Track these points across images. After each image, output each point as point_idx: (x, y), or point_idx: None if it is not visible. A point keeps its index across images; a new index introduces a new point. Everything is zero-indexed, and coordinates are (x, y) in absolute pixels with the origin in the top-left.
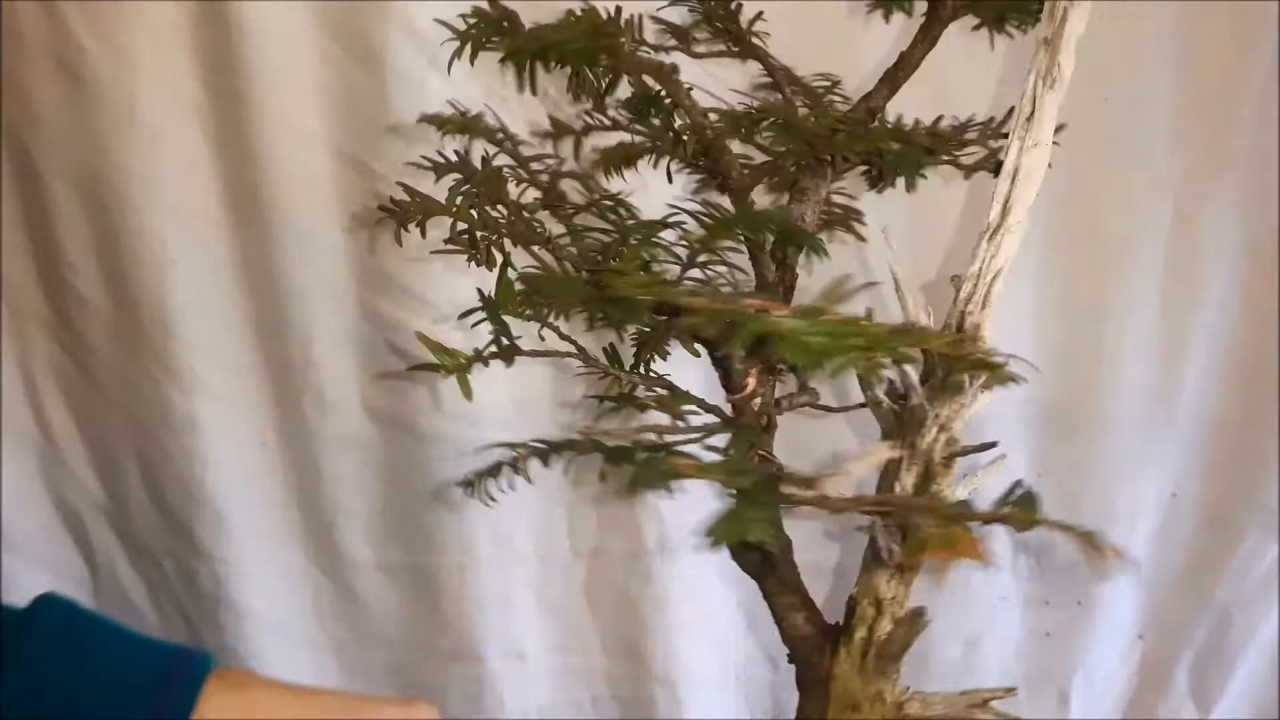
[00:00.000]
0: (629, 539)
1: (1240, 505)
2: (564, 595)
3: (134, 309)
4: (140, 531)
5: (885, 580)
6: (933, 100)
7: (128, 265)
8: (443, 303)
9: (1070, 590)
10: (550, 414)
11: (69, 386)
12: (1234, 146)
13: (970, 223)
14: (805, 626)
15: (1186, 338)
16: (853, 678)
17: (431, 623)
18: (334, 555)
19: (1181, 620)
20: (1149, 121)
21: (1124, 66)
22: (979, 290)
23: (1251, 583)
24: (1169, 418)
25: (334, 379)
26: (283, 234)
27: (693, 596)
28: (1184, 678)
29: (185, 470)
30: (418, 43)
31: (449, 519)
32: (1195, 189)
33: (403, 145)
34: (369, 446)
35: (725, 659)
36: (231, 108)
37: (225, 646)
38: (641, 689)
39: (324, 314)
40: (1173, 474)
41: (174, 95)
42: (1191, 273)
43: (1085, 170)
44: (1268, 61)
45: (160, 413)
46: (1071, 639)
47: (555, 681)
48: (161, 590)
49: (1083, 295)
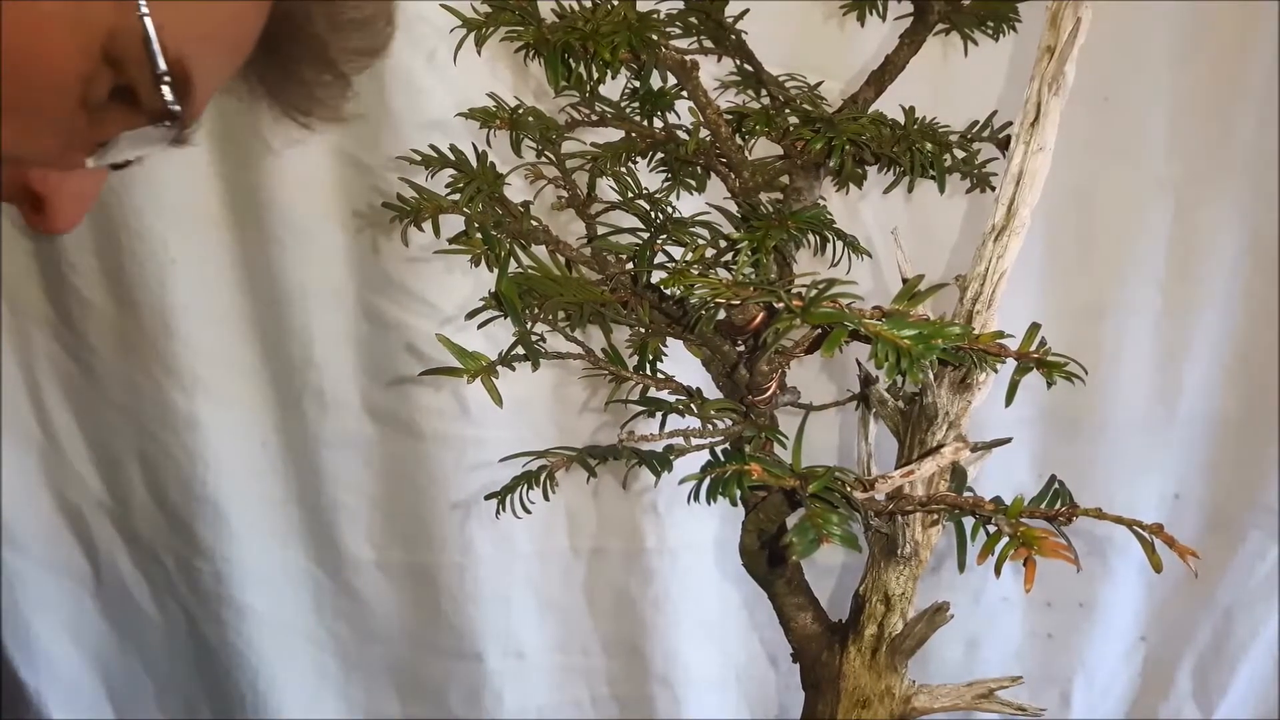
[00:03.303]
0: (629, 538)
1: (1242, 506)
2: (564, 594)
3: (135, 309)
4: (142, 530)
5: (895, 576)
6: (920, 103)
7: (128, 265)
8: (443, 303)
9: (1072, 591)
10: (550, 414)
11: (70, 386)
12: (1234, 147)
13: (970, 224)
14: (814, 625)
15: (1186, 338)
16: (863, 674)
17: (431, 621)
18: (335, 554)
19: (1183, 621)
20: (1149, 121)
21: (1124, 66)
22: (985, 290)
23: (1253, 584)
24: (1169, 418)
25: (334, 379)
26: (283, 234)
27: (693, 596)
28: (1186, 679)
29: (187, 469)
30: (417, 41)
31: (449, 518)
32: (1196, 189)
33: (402, 145)
34: (369, 446)
35: (725, 659)
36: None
37: (226, 644)
38: (641, 688)
39: (324, 314)
40: (1174, 475)
41: None
42: (1191, 273)
43: (1086, 170)
44: (1268, 61)
45: (161, 412)
46: (1073, 640)
47: (555, 681)
48: (163, 588)
49: (1083, 295)
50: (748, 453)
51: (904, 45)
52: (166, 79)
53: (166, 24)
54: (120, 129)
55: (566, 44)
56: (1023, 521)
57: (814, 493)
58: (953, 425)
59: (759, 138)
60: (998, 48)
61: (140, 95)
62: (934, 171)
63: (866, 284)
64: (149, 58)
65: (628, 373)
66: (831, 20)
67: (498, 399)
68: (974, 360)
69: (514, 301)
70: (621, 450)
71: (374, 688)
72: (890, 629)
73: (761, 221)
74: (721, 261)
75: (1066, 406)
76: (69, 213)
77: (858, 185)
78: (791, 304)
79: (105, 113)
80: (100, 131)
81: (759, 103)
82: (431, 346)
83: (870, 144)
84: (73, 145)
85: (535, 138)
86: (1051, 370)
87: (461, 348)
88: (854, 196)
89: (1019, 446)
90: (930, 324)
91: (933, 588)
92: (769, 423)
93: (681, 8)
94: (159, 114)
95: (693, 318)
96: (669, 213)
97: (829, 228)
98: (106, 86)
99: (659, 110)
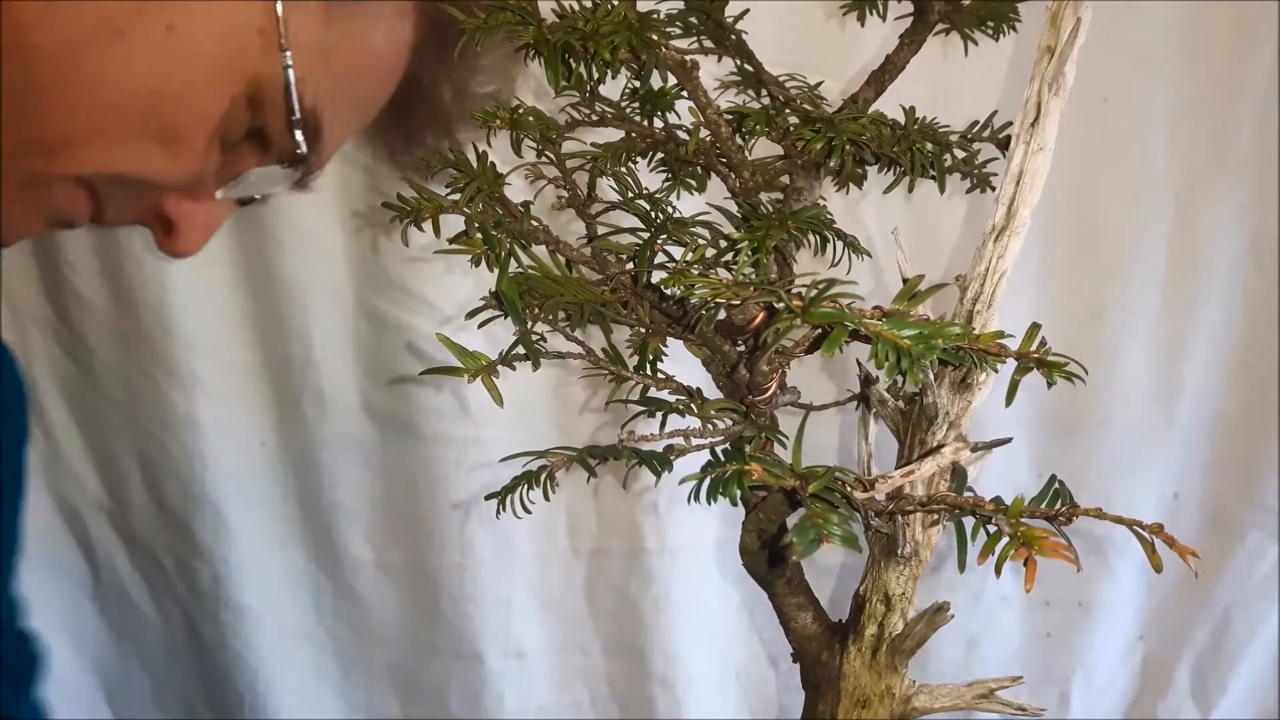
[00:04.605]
0: (629, 539)
1: (1241, 506)
2: (564, 595)
3: (134, 309)
4: (141, 531)
5: (896, 576)
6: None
7: (128, 265)
8: (443, 303)
9: (1071, 591)
10: (550, 414)
11: (69, 386)
12: (1234, 146)
13: (971, 224)
14: (814, 626)
15: (1186, 338)
16: (863, 674)
17: (431, 622)
18: (334, 554)
19: (1182, 621)
20: (1149, 121)
21: (1124, 66)
22: (985, 290)
23: (1252, 583)
24: (1169, 418)
25: (334, 379)
26: (282, 234)
27: (693, 596)
28: (1185, 678)
29: (186, 470)
30: None
31: (449, 518)
32: (1196, 189)
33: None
34: (369, 446)
35: (725, 659)
36: None
37: (225, 645)
38: (641, 689)
39: (324, 314)
40: (1173, 474)
41: None
42: (1191, 273)
43: (1085, 170)
44: (1268, 61)
45: (160, 412)
46: (1072, 639)
47: (555, 681)
48: (162, 589)
49: (1083, 295)
50: (748, 453)
51: (904, 45)
52: (300, 125)
53: (307, 76)
54: (250, 167)
55: (566, 44)
56: (1023, 521)
57: (814, 493)
58: (953, 425)
59: (759, 138)
60: (998, 48)
61: (272, 137)
62: (934, 171)
63: (867, 284)
64: (287, 104)
65: (628, 373)
66: (831, 20)
67: (498, 399)
68: (974, 360)
69: (515, 301)
70: (621, 450)
71: (373, 688)
72: (890, 629)
73: (762, 221)
74: (722, 261)
75: (1066, 406)
76: (196, 238)
77: (858, 185)
78: (792, 304)
79: (239, 150)
80: (232, 167)
81: (759, 103)
82: (431, 346)
83: (870, 144)
84: (207, 177)
85: (535, 138)
86: (1052, 370)
87: (462, 347)
88: (854, 196)
89: (1019, 446)
90: (930, 324)
91: (933, 588)
92: (769, 423)
93: (681, 8)
94: (287, 156)
95: (693, 318)
96: (669, 213)
97: (829, 228)
98: (244, 126)
99: (659, 110)
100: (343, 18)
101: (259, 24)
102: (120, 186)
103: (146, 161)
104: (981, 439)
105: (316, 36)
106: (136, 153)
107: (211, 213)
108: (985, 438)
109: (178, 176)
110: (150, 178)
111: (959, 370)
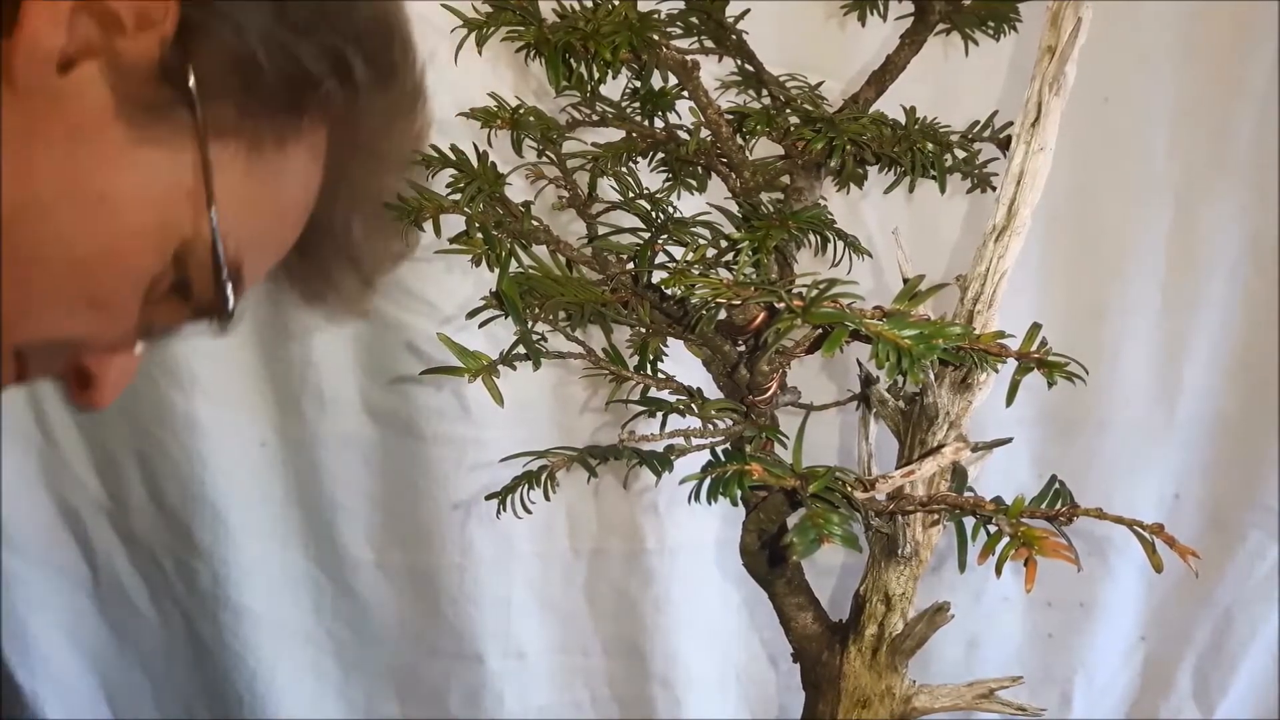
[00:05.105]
0: (629, 539)
1: (1241, 506)
2: (564, 595)
3: None
4: (140, 531)
5: (896, 576)
6: (921, 103)
7: None
8: (443, 302)
9: (1072, 591)
10: (550, 414)
11: None
12: (1234, 146)
13: (971, 223)
14: (814, 626)
15: (1186, 338)
16: (863, 674)
17: (431, 623)
18: (334, 555)
19: (1183, 621)
20: (1149, 121)
21: (1124, 66)
22: (986, 290)
23: (1253, 584)
24: (1169, 418)
25: (334, 379)
26: None
27: (693, 596)
28: (1186, 679)
29: (185, 470)
30: (417, 41)
31: (449, 518)
32: (1195, 189)
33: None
34: (369, 446)
35: (725, 659)
36: None
37: (224, 645)
38: (641, 689)
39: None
40: (1174, 474)
41: None
42: (1191, 273)
43: (1086, 170)
44: (1268, 61)
45: (160, 413)
46: (1073, 640)
47: (555, 681)
48: (161, 590)
49: (1083, 295)
50: (748, 453)
51: (904, 45)
52: (228, 280)
53: (230, 231)
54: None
55: (567, 44)
56: (1023, 521)
57: (814, 493)
58: (953, 425)
59: (760, 138)
60: (998, 48)
61: (195, 289)
62: (935, 171)
63: (867, 284)
64: (214, 259)
65: (628, 373)
66: (832, 20)
67: (499, 398)
68: (975, 360)
69: (515, 301)
70: (622, 450)
71: (373, 689)
72: (891, 629)
73: (762, 221)
74: (722, 261)
75: (1067, 407)
76: (115, 388)
77: (858, 185)
78: (792, 304)
79: (160, 304)
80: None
81: (760, 103)
82: (432, 346)
83: (871, 144)
84: (130, 332)
85: (536, 138)
86: (1052, 370)
87: (462, 347)
88: (855, 196)
89: (1019, 446)
90: (931, 324)
91: (933, 588)
92: (769, 423)
93: (682, 8)
94: (206, 305)
95: (693, 318)
96: (670, 213)
97: (830, 228)
98: (169, 282)
99: (660, 110)
100: (262, 167)
101: (187, 185)
102: (47, 348)
103: (79, 325)
104: (982, 439)
105: (237, 188)
106: (70, 318)
107: (130, 364)
108: (986, 438)
109: (109, 337)
110: (82, 340)
111: (959, 370)
